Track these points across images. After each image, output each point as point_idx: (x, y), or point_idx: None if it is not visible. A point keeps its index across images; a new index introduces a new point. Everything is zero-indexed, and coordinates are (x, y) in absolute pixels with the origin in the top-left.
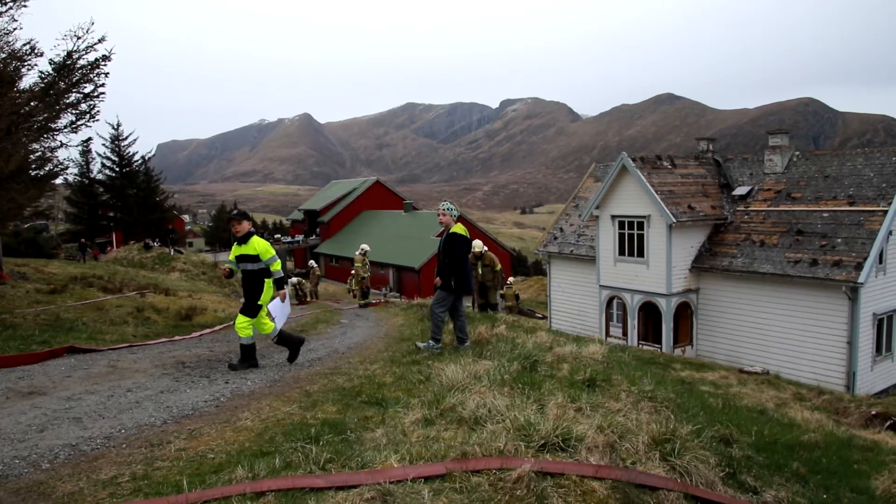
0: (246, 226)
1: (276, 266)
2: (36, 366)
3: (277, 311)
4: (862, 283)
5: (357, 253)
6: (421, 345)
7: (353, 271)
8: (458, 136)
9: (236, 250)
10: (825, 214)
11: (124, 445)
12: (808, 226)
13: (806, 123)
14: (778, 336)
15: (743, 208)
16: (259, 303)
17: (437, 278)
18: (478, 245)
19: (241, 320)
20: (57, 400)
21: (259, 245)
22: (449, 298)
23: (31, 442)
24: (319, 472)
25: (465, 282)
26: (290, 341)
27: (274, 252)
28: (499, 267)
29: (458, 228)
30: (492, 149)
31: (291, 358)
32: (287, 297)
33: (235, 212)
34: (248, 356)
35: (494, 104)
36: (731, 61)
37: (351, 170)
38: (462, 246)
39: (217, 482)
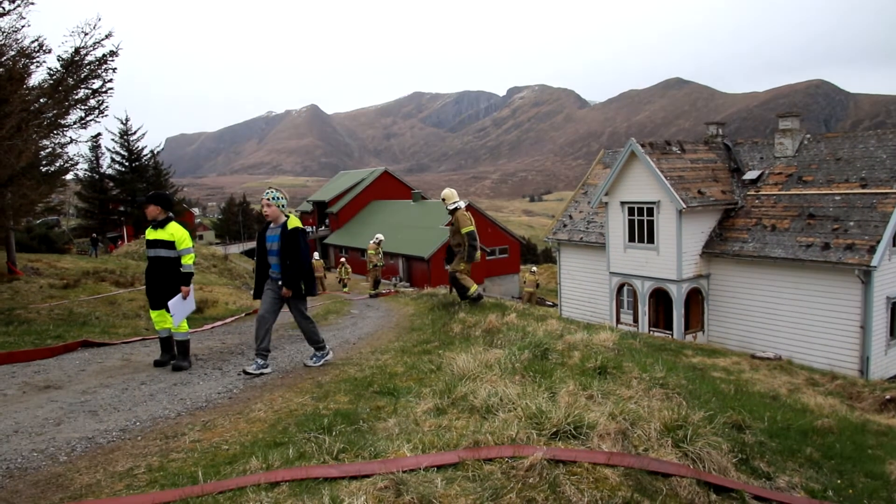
0: (154, 210)
1: (189, 259)
2: (51, 360)
3: (178, 307)
4: (875, 267)
5: (371, 242)
6: (312, 362)
7: (366, 261)
8: (466, 124)
9: (150, 234)
10: (837, 197)
11: (139, 437)
12: (819, 209)
13: (817, 106)
14: (790, 321)
15: (753, 192)
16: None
17: (284, 288)
18: (449, 195)
19: (163, 317)
20: (72, 393)
21: (177, 232)
22: (306, 302)
23: (48, 435)
24: (333, 462)
25: (313, 283)
26: (185, 350)
27: (192, 244)
28: (467, 229)
29: (297, 222)
30: (500, 137)
31: (160, 363)
32: (191, 293)
33: (150, 193)
34: (188, 352)
35: (502, 92)
36: (740, 44)
37: (359, 160)
38: (307, 244)
39: (232, 473)
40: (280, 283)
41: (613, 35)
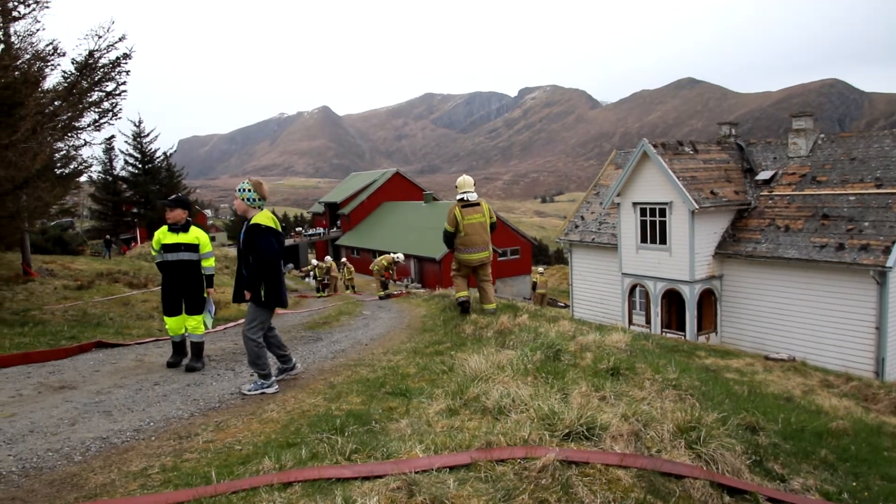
0: (182, 214)
1: (212, 262)
2: (66, 360)
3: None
4: (890, 268)
5: (391, 255)
6: (247, 389)
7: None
8: (477, 125)
9: (172, 238)
10: (852, 198)
11: (153, 438)
12: (833, 210)
13: (831, 105)
14: (804, 322)
15: (767, 193)
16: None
17: (245, 290)
18: (459, 184)
19: (197, 320)
20: (87, 394)
21: (201, 236)
22: (263, 316)
23: (63, 435)
24: (345, 463)
25: (278, 292)
26: (199, 351)
27: (211, 247)
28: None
29: (264, 218)
30: (511, 137)
31: (172, 364)
32: (211, 297)
33: (173, 197)
34: (202, 353)
35: (513, 93)
36: (752, 43)
37: (370, 161)
38: (272, 243)
39: (245, 473)
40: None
41: (625, 35)
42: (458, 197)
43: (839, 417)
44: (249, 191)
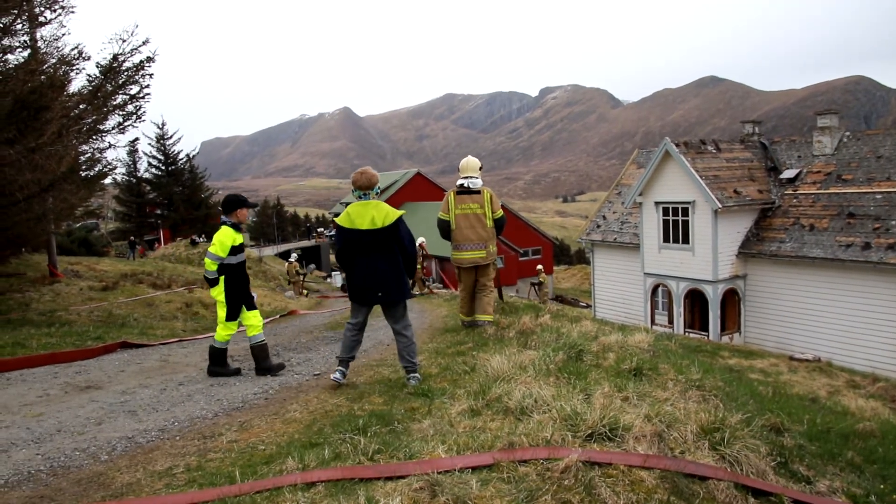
0: (246, 213)
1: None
2: (91, 361)
3: None
4: None
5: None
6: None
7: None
8: (498, 125)
9: (239, 238)
10: (878, 196)
11: (178, 437)
12: (859, 208)
13: (856, 102)
14: (830, 322)
15: (791, 192)
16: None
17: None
18: (461, 167)
19: (256, 315)
20: (112, 394)
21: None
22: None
23: (89, 434)
24: (368, 463)
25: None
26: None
27: None
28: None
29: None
30: (532, 137)
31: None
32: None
33: (237, 196)
34: (267, 355)
35: (534, 92)
36: (776, 40)
37: (391, 162)
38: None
39: (268, 473)
40: None
41: (646, 33)
42: (458, 182)
43: (866, 419)
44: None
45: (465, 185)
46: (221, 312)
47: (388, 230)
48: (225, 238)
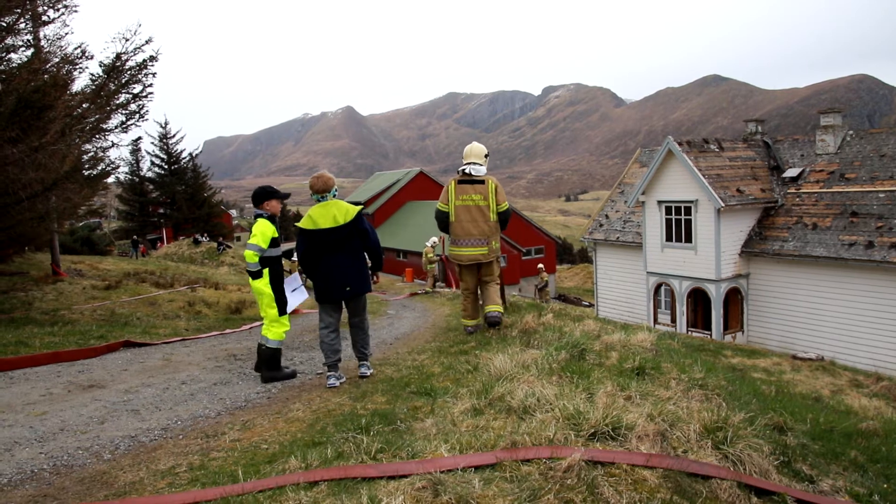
0: (279, 205)
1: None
2: (94, 360)
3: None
4: None
5: (427, 245)
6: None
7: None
8: (501, 124)
9: (274, 231)
10: (881, 195)
11: (181, 436)
12: (863, 207)
13: (860, 101)
14: (833, 321)
15: (794, 191)
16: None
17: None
18: (465, 153)
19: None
20: (115, 392)
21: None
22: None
23: (92, 433)
24: (371, 462)
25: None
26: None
27: None
28: None
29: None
30: (535, 136)
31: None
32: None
33: (268, 188)
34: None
35: (537, 91)
36: (779, 39)
37: (394, 161)
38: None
39: (271, 472)
40: None
41: (649, 32)
42: (460, 168)
43: (869, 418)
44: None
45: (468, 171)
46: (271, 309)
47: (351, 225)
48: (266, 229)
